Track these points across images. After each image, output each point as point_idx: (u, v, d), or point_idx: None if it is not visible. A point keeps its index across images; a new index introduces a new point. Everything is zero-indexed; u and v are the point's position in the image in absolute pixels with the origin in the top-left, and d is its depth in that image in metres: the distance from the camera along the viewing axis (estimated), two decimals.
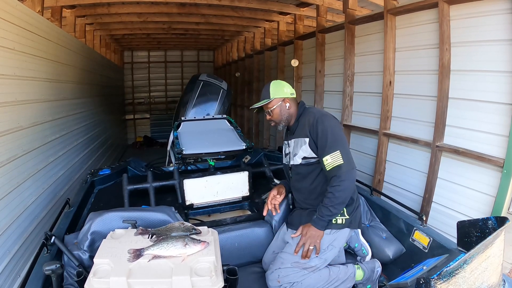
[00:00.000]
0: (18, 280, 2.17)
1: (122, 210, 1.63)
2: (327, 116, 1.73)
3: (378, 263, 1.81)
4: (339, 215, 1.68)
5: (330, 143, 1.62)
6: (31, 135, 2.57)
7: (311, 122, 1.71)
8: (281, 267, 1.67)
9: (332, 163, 1.60)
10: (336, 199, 1.59)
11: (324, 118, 1.70)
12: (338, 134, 1.66)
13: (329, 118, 1.71)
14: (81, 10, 4.58)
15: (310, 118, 1.73)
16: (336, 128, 1.69)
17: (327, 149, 1.62)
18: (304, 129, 1.74)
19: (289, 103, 1.81)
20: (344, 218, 1.70)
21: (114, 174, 2.81)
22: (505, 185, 2.08)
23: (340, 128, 1.74)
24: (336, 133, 1.65)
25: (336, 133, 1.66)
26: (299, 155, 1.76)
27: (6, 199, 2.12)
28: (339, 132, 1.69)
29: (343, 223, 1.70)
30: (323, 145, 1.64)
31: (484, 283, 1.11)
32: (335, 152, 1.61)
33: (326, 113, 1.77)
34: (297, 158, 1.77)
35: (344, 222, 1.70)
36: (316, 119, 1.69)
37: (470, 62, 2.32)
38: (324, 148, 1.63)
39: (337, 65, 3.88)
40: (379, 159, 3.15)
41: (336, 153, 1.61)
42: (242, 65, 7.43)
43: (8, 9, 2.20)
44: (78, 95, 4.10)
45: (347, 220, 1.70)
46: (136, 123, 9.95)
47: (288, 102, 1.81)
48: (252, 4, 4.61)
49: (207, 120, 3.37)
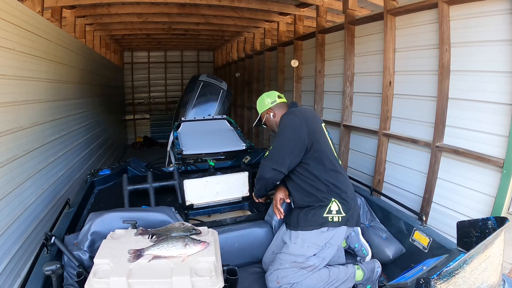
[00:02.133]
0: (18, 280, 2.17)
1: (122, 211, 1.63)
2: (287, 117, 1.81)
3: (378, 263, 1.81)
4: (335, 213, 1.69)
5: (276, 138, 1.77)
6: (31, 135, 2.57)
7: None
8: (279, 267, 1.68)
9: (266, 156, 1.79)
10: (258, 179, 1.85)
11: (282, 119, 1.83)
12: (285, 134, 1.73)
13: (286, 119, 1.79)
14: (81, 10, 4.58)
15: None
16: (287, 128, 1.75)
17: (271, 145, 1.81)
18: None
19: (273, 111, 1.97)
20: (341, 216, 1.69)
21: (114, 175, 2.81)
22: (505, 185, 2.08)
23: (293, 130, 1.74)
24: (284, 132, 1.74)
25: (284, 132, 1.74)
26: None
27: (6, 199, 2.12)
28: (288, 133, 1.73)
29: (339, 220, 1.69)
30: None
31: (484, 283, 1.11)
32: (271, 147, 1.79)
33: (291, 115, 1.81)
34: None
35: (340, 220, 1.69)
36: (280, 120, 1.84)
37: (470, 62, 2.32)
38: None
39: (337, 66, 3.88)
40: (379, 159, 3.15)
41: (270, 148, 1.80)
42: (242, 65, 7.43)
43: (8, 9, 2.20)
44: (78, 96, 4.10)
45: (343, 218, 1.69)
46: (136, 124, 9.95)
47: (272, 111, 1.98)
48: (252, 5, 4.61)
49: (207, 120, 3.37)
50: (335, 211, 1.69)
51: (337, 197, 1.70)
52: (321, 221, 1.68)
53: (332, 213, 1.68)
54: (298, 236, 1.71)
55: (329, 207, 1.69)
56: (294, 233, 1.73)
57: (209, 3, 4.43)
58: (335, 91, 3.96)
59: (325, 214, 1.68)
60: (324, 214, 1.68)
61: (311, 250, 1.68)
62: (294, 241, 1.71)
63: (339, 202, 1.70)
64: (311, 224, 1.69)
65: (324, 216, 1.68)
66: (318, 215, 1.69)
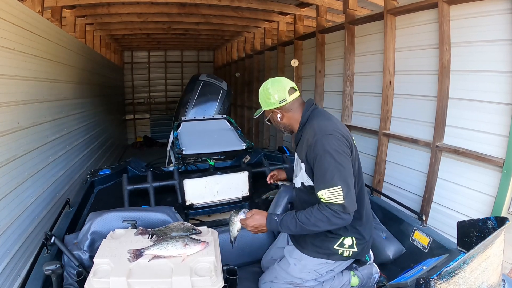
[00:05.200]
0: (18, 280, 2.17)
1: (122, 210, 1.63)
2: (329, 137, 1.35)
3: (376, 268, 1.75)
4: (347, 247, 1.50)
5: (329, 175, 1.30)
6: (31, 135, 2.57)
7: (309, 143, 1.39)
8: (274, 281, 1.60)
9: (330, 200, 1.30)
10: (310, 225, 1.33)
11: (325, 140, 1.34)
12: (340, 163, 1.32)
13: (333, 140, 1.35)
14: (81, 10, 4.58)
15: (308, 137, 1.41)
16: (341, 153, 1.34)
17: (325, 182, 1.31)
18: (302, 149, 1.45)
19: (281, 113, 1.49)
20: (352, 251, 1.52)
21: (114, 174, 2.81)
22: (505, 185, 2.08)
23: (343, 151, 1.35)
24: (341, 161, 1.32)
25: (342, 160, 1.33)
26: (299, 178, 1.55)
27: (6, 199, 2.12)
28: (342, 160, 1.33)
29: (349, 255, 1.52)
30: (320, 176, 1.33)
31: (484, 283, 1.11)
32: (334, 188, 1.29)
33: (328, 130, 1.38)
34: (297, 181, 1.57)
35: (350, 255, 1.52)
36: (315, 141, 1.36)
37: (470, 62, 2.32)
38: (321, 179, 1.33)
39: (337, 65, 3.88)
40: (379, 159, 3.15)
41: (336, 189, 1.29)
42: (242, 65, 7.43)
43: (8, 9, 2.20)
44: (78, 95, 4.10)
45: (354, 253, 1.53)
46: (136, 123, 9.96)
47: (279, 113, 1.50)
48: (252, 4, 4.61)
49: (207, 120, 3.37)
50: (347, 245, 1.51)
51: (355, 233, 1.51)
52: (329, 252, 1.52)
53: (344, 247, 1.50)
54: (301, 260, 1.56)
55: (342, 240, 1.50)
56: (298, 253, 1.58)
57: (209, 3, 4.43)
58: (335, 91, 3.96)
59: (336, 246, 1.50)
60: (334, 245, 1.50)
61: (311, 276, 1.56)
62: (294, 263, 1.57)
63: (355, 238, 1.51)
64: (318, 252, 1.53)
65: (334, 248, 1.50)
66: (328, 244, 1.51)
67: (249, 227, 1.46)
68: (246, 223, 1.46)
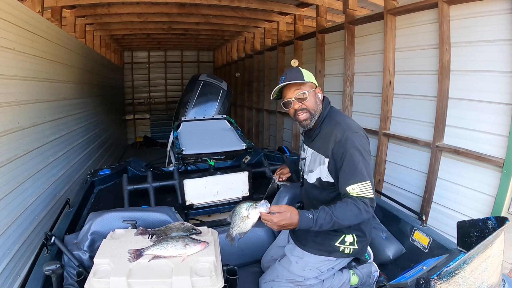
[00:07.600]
0: (18, 280, 2.17)
1: (122, 210, 1.63)
2: (357, 135, 1.41)
3: (375, 266, 1.76)
4: (348, 244, 1.54)
5: (359, 170, 1.35)
6: (31, 135, 2.56)
7: (337, 139, 1.41)
8: (275, 280, 1.61)
9: (361, 194, 1.34)
10: (345, 219, 1.33)
11: (355, 137, 1.40)
12: (367, 160, 1.39)
13: (360, 138, 1.42)
14: (81, 10, 4.58)
15: (336, 132, 1.43)
16: (367, 151, 1.42)
17: (355, 177, 1.35)
18: (326, 144, 1.46)
19: (320, 94, 1.53)
20: (353, 248, 1.55)
21: (114, 174, 2.81)
22: (505, 185, 2.08)
23: (368, 150, 1.43)
24: (367, 159, 1.40)
25: (368, 158, 1.40)
26: (315, 173, 1.54)
27: (6, 199, 2.12)
28: (368, 157, 1.41)
29: (350, 252, 1.56)
30: (350, 171, 1.37)
31: (484, 283, 1.11)
32: (365, 182, 1.35)
33: (356, 128, 1.45)
34: (312, 177, 1.56)
35: (351, 252, 1.56)
36: (345, 137, 1.39)
37: (470, 62, 2.32)
38: (351, 174, 1.36)
39: (337, 65, 3.89)
40: (379, 159, 3.15)
41: (366, 183, 1.35)
42: (242, 65, 7.43)
43: (8, 9, 2.19)
44: (78, 95, 4.10)
45: (355, 250, 1.56)
46: (136, 123, 9.95)
47: (320, 93, 1.52)
48: (252, 4, 4.61)
49: (207, 120, 3.37)
50: (349, 242, 1.54)
51: (357, 230, 1.55)
52: (330, 250, 1.55)
53: (345, 244, 1.54)
54: (303, 257, 1.58)
55: (343, 237, 1.54)
56: (299, 251, 1.61)
57: (209, 3, 4.43)
58: (335, 91, 3.96)
59: (337, 243, 1.54)
60: (336, 243, 1.54)
61: (312, 273, 1.58)
62: (296, 261, 1.59)
63: (356, 236, 1.55)
64: (319, 249, 1.56)
65: (335, 245, 1.54)
66: (329, 241, 1.54)
67: (275, 225, 1.28)
68: (272, 219, 1.27)
